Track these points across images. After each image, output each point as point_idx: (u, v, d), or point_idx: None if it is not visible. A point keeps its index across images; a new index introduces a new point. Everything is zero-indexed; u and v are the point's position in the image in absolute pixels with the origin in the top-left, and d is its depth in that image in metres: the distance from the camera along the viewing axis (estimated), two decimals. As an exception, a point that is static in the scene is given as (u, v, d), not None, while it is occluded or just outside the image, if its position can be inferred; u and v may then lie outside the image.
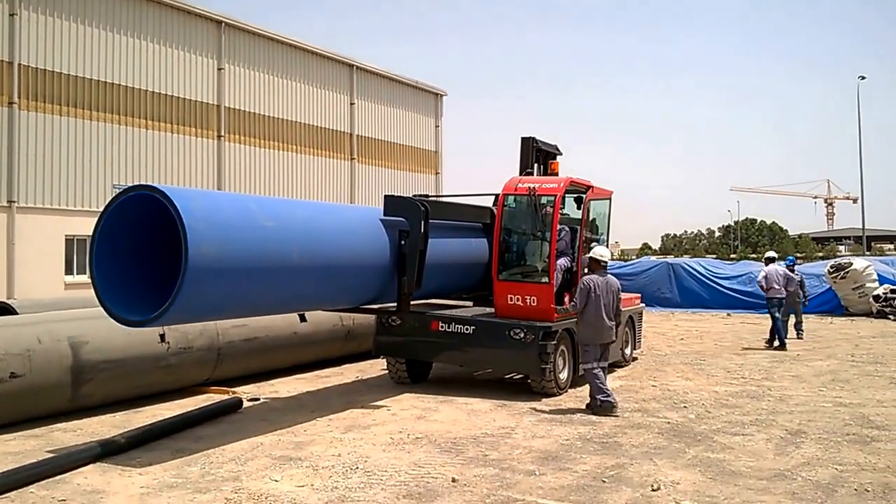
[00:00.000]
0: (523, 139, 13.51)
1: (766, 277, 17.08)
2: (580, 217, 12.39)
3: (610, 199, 13.67)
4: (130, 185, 9.77)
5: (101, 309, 10.55)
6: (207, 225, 7.94)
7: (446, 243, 12.09)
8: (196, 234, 7.69)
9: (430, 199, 12.34)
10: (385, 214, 11.18)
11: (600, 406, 10.12)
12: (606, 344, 10.46)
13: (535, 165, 13.83)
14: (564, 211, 12.14)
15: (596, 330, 10.35)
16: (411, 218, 11.07)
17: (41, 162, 24.01)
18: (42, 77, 24.05)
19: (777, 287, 16.91)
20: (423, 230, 10.99)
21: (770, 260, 17.84)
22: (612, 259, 13.70)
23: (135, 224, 8.32)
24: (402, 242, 11.03)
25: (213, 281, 8.00)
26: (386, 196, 11.66)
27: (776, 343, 17.13)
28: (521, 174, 12.76)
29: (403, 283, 11.07)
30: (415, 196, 12.14)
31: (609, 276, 10.61)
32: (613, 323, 10.44)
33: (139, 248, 8.51)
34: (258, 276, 8.64)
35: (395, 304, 11.51)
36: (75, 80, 24.96)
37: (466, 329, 11.32)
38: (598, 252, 10.73)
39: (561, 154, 14.46)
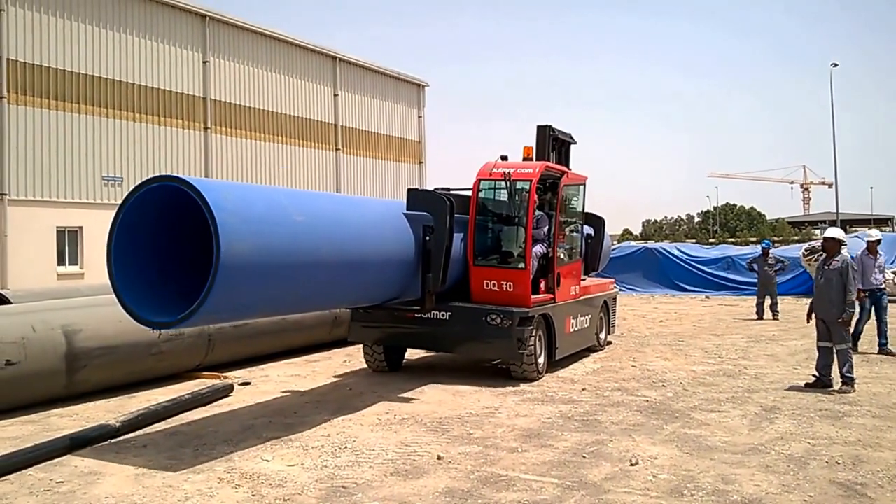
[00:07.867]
0: (539, 127, 12.88)
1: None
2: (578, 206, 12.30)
3: (584, 184, 13.44)
4: (115, 176, 9.64)
5: (92, 298, 10.69)
6: (239, 220, 7.36)
7: (462, 237, 11.62)
8: (228, 230, 7.08)
9: (452, 192, 11.79)
10: (408, 209, 10.76)
11: (843, 382, 10.45)
12: (834, 322, 10.52)
13: (552, 153, 13.08)
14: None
15: (817, 307, 10.81)
16: (436, 213, 10.62)
17: (31, 155, 24.12)
18: (30, 71, 24.10)
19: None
20: (448, 225, 10.56)
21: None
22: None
23: (156, 218, 7.76)
24: (427, 238, 10.54)
25: (245, 280, 7.41)
26: (409, 190, 11.45)
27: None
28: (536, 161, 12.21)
29: (428, 280, 10.56)
30: (436, 189, 11.91)
31: (841, 254, 10.80)
32: (839, 302, 10.44)
33: (160, 244, 7.94)
34: (290, 275, 8.11)
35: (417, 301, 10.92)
36: (63, 73, 25.01)
37: (442, 315, 11.07)
38: (828, 232, 11.31)
39: (575, 143, 13.96)
